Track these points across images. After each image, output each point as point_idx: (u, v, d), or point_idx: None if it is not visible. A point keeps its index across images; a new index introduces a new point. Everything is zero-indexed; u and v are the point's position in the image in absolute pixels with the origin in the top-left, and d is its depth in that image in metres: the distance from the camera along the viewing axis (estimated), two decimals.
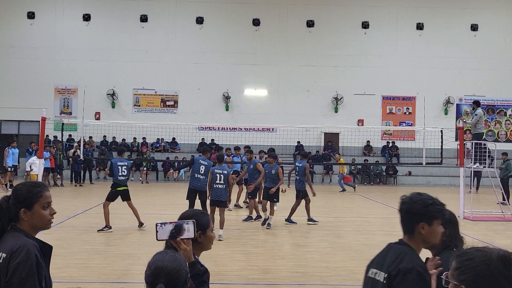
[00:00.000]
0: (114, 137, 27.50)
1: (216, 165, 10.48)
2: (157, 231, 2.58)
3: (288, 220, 12.15)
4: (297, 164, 12.65)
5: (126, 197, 11.15)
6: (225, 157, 15.80)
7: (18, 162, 20.88)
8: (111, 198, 10.99)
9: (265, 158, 17.61)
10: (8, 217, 2.58)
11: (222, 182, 10.11)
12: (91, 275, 7.24)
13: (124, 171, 11.05)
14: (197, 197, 10.80)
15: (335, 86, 28.98)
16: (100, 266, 7.75)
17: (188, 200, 10.81)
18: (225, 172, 10.24)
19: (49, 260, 2.65)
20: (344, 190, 21.63)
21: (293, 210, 12.22)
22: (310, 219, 12.26)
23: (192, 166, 10.89)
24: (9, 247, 2.46)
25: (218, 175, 10.13)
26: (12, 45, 28.34)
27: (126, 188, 11.08)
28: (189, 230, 2.62)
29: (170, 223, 2.63)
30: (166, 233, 2.58)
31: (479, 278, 1.88)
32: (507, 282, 1.87)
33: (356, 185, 22.94)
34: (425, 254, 2.78)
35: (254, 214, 12.79)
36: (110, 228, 10.71)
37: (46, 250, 2.61)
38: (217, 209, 10.26)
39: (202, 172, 10.75)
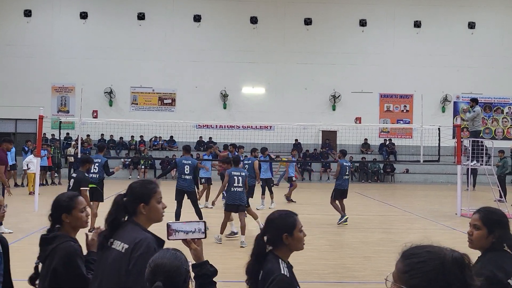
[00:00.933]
0: (111, 136, 27.49)
1: (233, 167, 9.89)
2: (169, 231, 2.57)
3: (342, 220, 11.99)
4: (345, 163, 12.20)
5: (95, 196, 10.57)
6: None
7: (16, 161, 20.83)
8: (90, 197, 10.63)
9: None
10: (124, 212, 2.86)
11: (240, 185, 9.52)
12: None
13: (95, 169, 10.63)
14: (186, 197, 10.61)
15: (333, 84, 29.00)
16: None
17: (176, 201, 10.50)
18: (243, 174, 9.69)
19: None
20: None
21: (343, 208, 12.18)
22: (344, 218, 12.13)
23: (177, 168, 10.75)
24: (132, 239, 2.74)
25: (236, 177, 9.51)
26: (9, 43, 28.26)
27: (95, 186, 10.57)
28: (200, 230, 2.62)
29: (182, 223, 2.63)
30: (180, 234, 2.58)
31: (432, 283, 1.70)
32: (461, 286, 1.71)
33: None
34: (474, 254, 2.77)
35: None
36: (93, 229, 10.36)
37: (159, 243, 2.82)
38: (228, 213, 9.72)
39: (188, 172, 10.58)
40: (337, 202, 12.25)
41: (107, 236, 2.83)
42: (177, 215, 10.20)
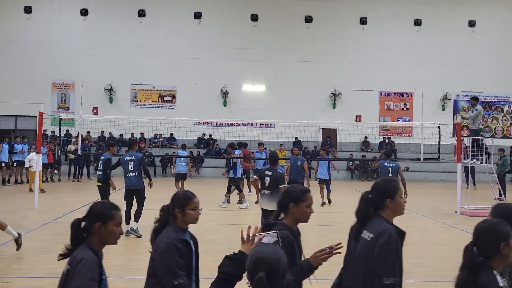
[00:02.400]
0: (110, 133, 27.40)
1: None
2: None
3: None
4: (386, 164, 11.39)
5: (100, 193, 10.43)
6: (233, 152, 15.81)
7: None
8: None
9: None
10: (371, 207, 3.28)
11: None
12: None
13: (100, 166, 10.49)
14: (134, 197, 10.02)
15: (333, 81, 28.98)
16: None
17: (125, 201, 9.94)
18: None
19: (403, 242, 3.19)
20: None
21: None
22: None
23: (122, 166, 10.12)
24: (376, 230, 3.15)
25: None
26: (9, 39, 28.22)
27: (100, 184, 10.41)
28: (271, 241, 2.61)
29: (257, 236, 2.68)
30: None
31: None
32: None
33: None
34: None
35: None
36: None
37: (401, 235, 3.17)
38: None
39: (132, 168, 9.87)
40: None
41: (359, 228, 3.28)
42: (127, 217, 9.57)
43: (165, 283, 3.29)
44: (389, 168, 11.45)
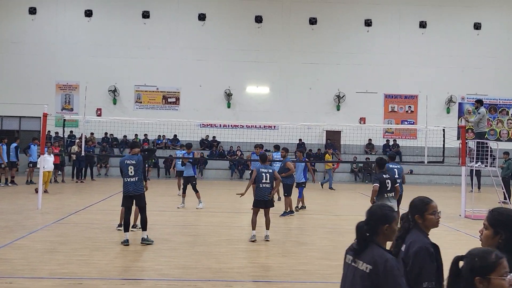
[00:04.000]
0: (111, 134, 27.37)
1: (260, 165, 10.04)
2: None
3: None
4: (391, 166, 10.80)
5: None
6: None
7: (18, 159, 20.78)
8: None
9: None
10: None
11: (268, 181, 9.73)
12: (93, 271, 7.23)
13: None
14: (134, 203, 9.38)
15: (337, 84, 28.93)
16: (102, 263, 7.74)
17: (124, 207, 9.43)
18: (271, 171, 9.88)
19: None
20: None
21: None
22: None
23: (121, 170, 9.40)
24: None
25: (264, 174, 9.75)
26: (13, 40, 28.32)
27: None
28: None
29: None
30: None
31: None
32: None
33: None
34: None
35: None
36: (135, 226, 10.42)
37: None
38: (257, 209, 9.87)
39: (132, 173, 9.22)
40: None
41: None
42: (126, 225, 9.23)
43: (415, 287, 3.38)
44: (395, 169, 11.03)
